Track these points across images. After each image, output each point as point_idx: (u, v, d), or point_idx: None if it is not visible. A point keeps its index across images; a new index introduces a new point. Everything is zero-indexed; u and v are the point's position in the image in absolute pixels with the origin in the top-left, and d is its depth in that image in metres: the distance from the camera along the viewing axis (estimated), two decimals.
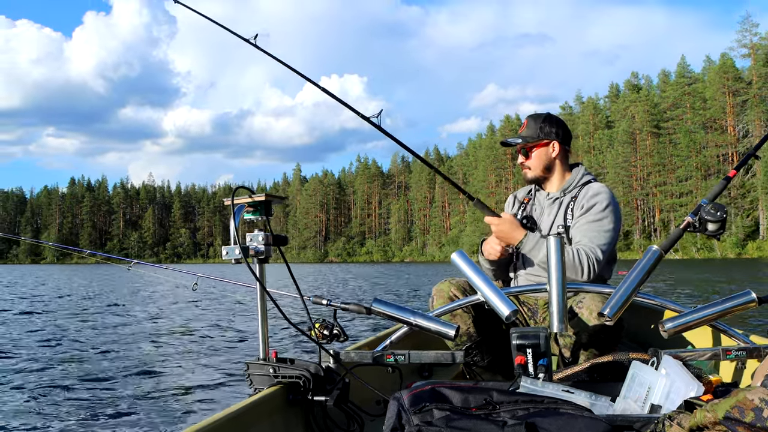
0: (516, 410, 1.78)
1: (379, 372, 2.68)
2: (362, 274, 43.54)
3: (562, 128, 3.35)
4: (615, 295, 2.40)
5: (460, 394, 1.86)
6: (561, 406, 1.79)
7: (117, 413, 4.81)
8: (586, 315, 2.76)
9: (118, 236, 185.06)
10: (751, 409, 1.45)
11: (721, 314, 2.38)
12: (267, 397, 2.28)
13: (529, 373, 2.18)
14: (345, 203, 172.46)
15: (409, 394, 1.87)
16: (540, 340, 2.18)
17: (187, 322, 11.67)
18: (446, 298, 3.10)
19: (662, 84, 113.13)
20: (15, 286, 28.04)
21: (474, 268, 2.61)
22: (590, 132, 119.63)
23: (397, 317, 2.57)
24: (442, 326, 2.51)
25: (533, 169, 3.35)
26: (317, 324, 2.56)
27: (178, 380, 6.04)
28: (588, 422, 1.69)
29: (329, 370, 2.48)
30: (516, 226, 3.13)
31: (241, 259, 2.24)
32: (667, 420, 1.67)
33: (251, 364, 2.43)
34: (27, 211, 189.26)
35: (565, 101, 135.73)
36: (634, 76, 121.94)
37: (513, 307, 2.47)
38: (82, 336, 9.69)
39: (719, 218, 2.54)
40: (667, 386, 2.03)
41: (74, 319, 12.18)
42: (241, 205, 2.40)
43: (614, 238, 3.13)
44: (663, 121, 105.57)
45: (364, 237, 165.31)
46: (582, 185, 3.28)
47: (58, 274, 44.07)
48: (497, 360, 3.15)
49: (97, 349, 8.13)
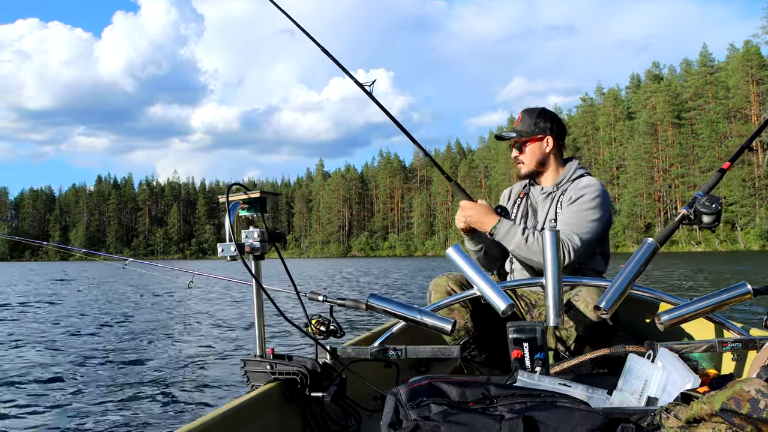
0: (513, 404, 1.77)
1: (376, 367, 2.68)
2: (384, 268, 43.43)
3: (557, 123, 3.36)
4: (611, 288, 2.40)
5: (457, 388, 1.85)
6: (558, 400, 1.78)
7: (111, 411, 4.80)
8: (582, 308, 2.77)
9: (144, 233, 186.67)
10: (747, 401, 1.45)
11: (717, 306, 2.37)
12: (264, 394, 2.28)
13: (526, 366, 2.18)
14: (368, 198, 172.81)
15: (406, 389, 1.86)
16: (536, 333, 2.19)
17: (183, 318, 11.67)
18: (443, 293, 3.11)
19: (684, 74, 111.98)
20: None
21: (470, 263, 2.61)
22: (611, 123, 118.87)
23: (394, 312, 2.57)
24: (439, 321, 2.50)
25: (527, 164, 3.36)
26: (314, 320, 2.56)
27: (174, 377, 6.03)
28: (585, 415, 1.68)
29: (326, 366, 2.48)
30: (489, 212, 3.17)
31: (237, 256, 2.24)
32: (664, 412, 1.66)
33: (248, 360, 2.44)
34: (56, 209, 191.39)
35: (585, 93, 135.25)
36: (655, 66, 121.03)
37: (509, 301, 2.47)
38: (76, 333, 9.70)
39: (714, 210, 2.54)
40: (664, 378, 2.04)
41: (67, 317, 12.21)
42: (236, 202, 2.40)
43: (598, 230, 3.13)
44: (685, 111, 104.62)
45: (387, 231, 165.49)
46: (574, 179, 3.27)
47: (57, 272, 44.00)
48: (494, 354, 3.16)
49: (92, 347, 8.12)
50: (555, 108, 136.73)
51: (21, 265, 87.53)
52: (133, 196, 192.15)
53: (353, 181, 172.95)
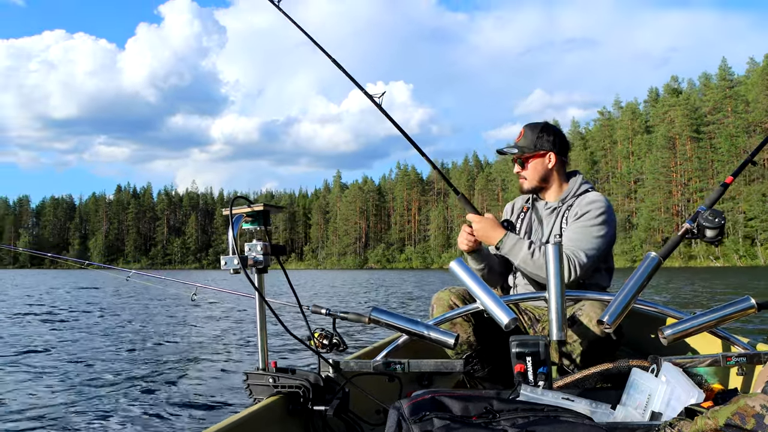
0: (516, 418, 1.77)
1: (379, 381, 2.68)
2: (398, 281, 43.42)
3: (559, 138, 3.34)
4: (614, 302, 2.39)
5: (460, 402, 1.85)
6: (561, 414, 1.78)
7: (111, 426, 4.77)
8: (585, 322, 2.75)
9: (162, 242, 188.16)
10: (752, 416, 1.44)
11: (721, 320, 2.36)
12: (266, 408, 2.28)
13: (529, 381, 2.17)
14: (384, 210, 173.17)
15: (409, 403, 1.86)
16: (539, 348, 2.18)
17: (186, 331, 11.67)
18: (446, 307, 3.10)
19: (703, 87, 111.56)
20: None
21: (473, 277, 2.61)
22: (629, 137, 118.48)
23: (397, 326, 2.57)
24: (442, 335, 2.51)
25: (529, 180, 3.35)
26: (316, 333, 2.56)
27: (176, 390, 6.00)
28: (588, 430, 1.68)
29: (329, 380, 2.48)
30: (496, 226, 3.17)
31: (240, 269, 2.24)
32: (668, 427, 1.66)
33: (250, 374, 2.44)
34: (76, 218, 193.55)
35: (603, 106, 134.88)
36: (674, 79, 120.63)
37: (512, 315, 2.46)
38: (75, 343, 9.67)
39: (717, 225, 2.53)
40: (668, 393, 2.03)
41: (65, 327, 12.24)
42: (240, 215, 2.41)
43: (604, 246, 3.11)
44: (703, 125, 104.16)
45: (404, 243, 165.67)
46: (579, 194, 3.27)
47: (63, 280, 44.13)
48: (497, 368, 3.14)
49: (92, 358, 8.09)
50: (572, 121, 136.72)
51: (35, 273, 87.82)
52: (151, 205, 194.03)
53: (370, 192, 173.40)
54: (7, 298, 22.96)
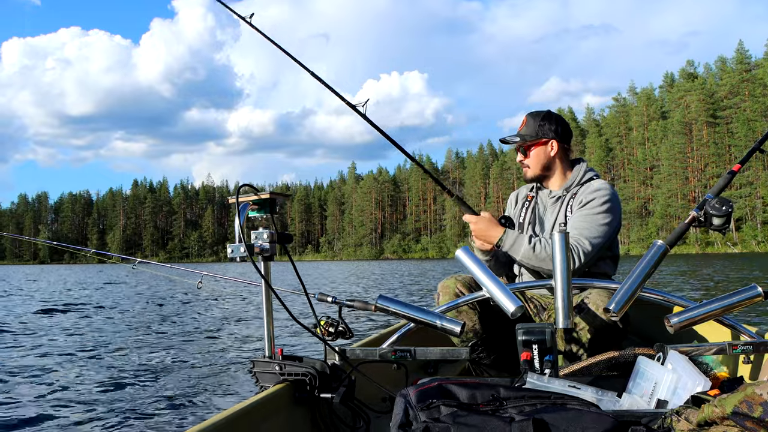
0: (523, 406, 1.76)
1: (385, 369, 2.68)
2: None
3: (562, 126, 3.33)
4: (620, 290, 2.39)
5: (466, 390, 1.84)
6: (568, 402, 1.77)
7: (121, 412, 4.82)
8: (592, 310, 2.75)
9: (179, 236, 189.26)
10: (759, 404, 1.42)
11: (727, 309, 2.34)
12: (273, 395, 2.28)
13: (535, 368, 2.17)
14: (400, 200, 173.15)
15: (415, 390, 1.85)
16: (546, 335, 2.17)
17: (192, 320, 11.75)
18: (452, 295, 3.11)
19: (720, 72, 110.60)
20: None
21: (479, 265, 2.61)
22: (644, 123, 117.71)
23: (402, 314, 2.57)
24: (448, 323, 2.50)
25: (532, 168, 3.34)
26: (322, 321, 2.57)
27: (183, 378, 6.06)
28: (595, 417, 1.67)
29: (335, 368, 2.48)
30: (494, 224, 3.16)
31: (247, 257, 2.24)
32: (675, 415, 1.65)
33: (257, 361, 2.44)
34: (93, 213, 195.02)
35: (618, 92, 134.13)
36: (689, 64, 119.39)
37: (518, 303, 2.46)
38: (84, 334, 9.80)
39: (724, 213, 2.51)
40: (674, 381, 2.03)
41: (73, 317, 12.32)
42: (246, 203, 2.41)
43: (609, 234, 3.09)
44: (720, 109, 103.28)
45: (420, 233, 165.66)
46: (584, 182, 3.25)
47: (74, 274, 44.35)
48: (503, 356, 3.15)
49: (103, 348, 8.18)
50: (587, 108, 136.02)
51: (55, 269, 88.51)
52: (168, 199, 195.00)
53: (385, 183, 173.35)
54: (24, 293, 23.20)
